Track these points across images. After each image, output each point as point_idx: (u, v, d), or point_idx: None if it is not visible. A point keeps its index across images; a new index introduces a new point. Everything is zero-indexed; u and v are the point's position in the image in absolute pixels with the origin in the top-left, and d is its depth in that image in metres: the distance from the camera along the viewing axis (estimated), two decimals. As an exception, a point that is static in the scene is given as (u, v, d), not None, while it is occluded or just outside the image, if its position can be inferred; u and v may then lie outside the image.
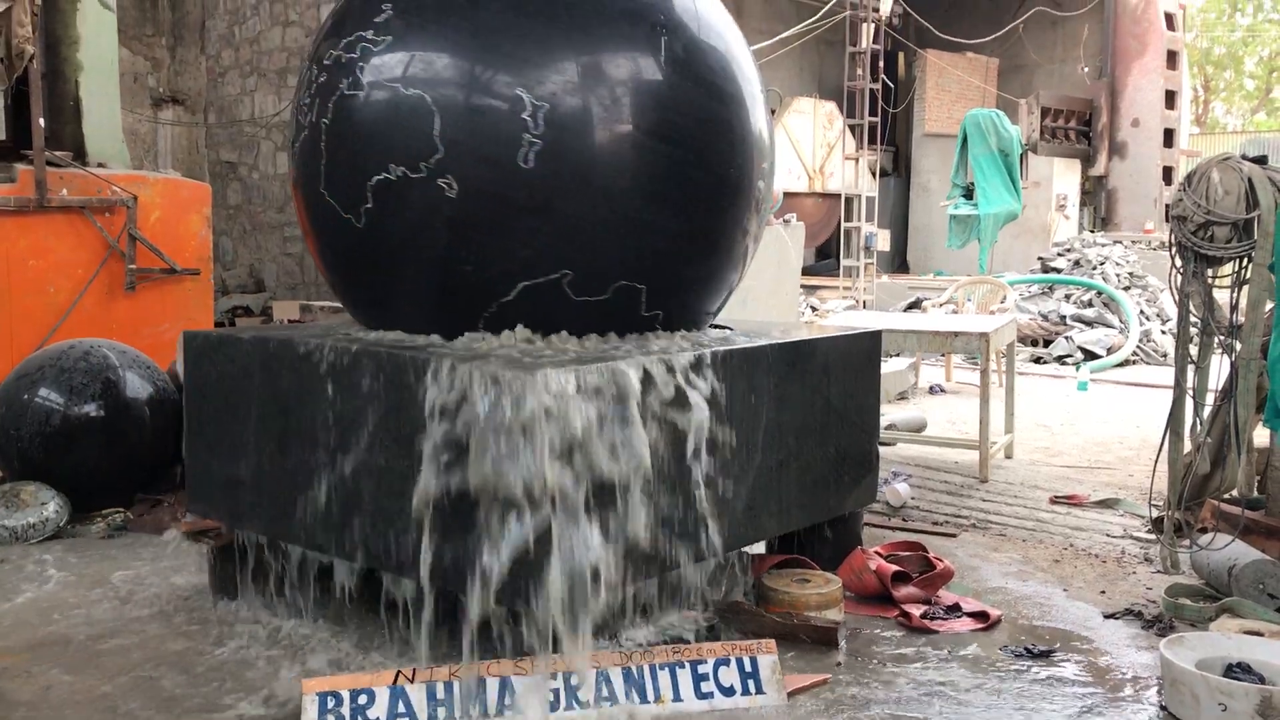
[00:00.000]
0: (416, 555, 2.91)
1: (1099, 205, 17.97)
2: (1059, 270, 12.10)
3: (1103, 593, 3.91)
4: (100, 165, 6.26)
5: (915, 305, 11.80)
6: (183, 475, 3.78)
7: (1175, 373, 4.20)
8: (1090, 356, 10.26)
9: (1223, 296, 4.13)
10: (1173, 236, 4.12)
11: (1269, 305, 3.89)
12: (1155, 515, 4.58)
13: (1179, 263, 4.10)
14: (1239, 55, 34.97)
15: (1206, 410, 4.24)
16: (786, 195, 14.24)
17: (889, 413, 6.84)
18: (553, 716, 2.76)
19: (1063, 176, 17.37)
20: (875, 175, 16.48)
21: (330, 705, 2.71)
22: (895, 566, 3.77)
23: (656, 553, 3.01)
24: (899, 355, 8.52)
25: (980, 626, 3.53)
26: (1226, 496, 4.18)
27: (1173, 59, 17.58)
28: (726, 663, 2.93)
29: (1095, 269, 11.83)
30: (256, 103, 12.19)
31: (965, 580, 3.99)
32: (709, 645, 2.99)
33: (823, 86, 19.03)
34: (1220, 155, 4.12)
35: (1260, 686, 2.79)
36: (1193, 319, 4.12)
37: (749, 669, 2.94)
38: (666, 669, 2.90)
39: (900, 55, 19.80)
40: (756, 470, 3.36)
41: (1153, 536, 4.53)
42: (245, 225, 12.40)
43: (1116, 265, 11.90)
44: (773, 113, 4.44)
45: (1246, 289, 3.97)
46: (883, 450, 4.57)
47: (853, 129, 15.52)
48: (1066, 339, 10.63)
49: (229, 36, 12.48)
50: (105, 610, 3.63)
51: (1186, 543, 4.05)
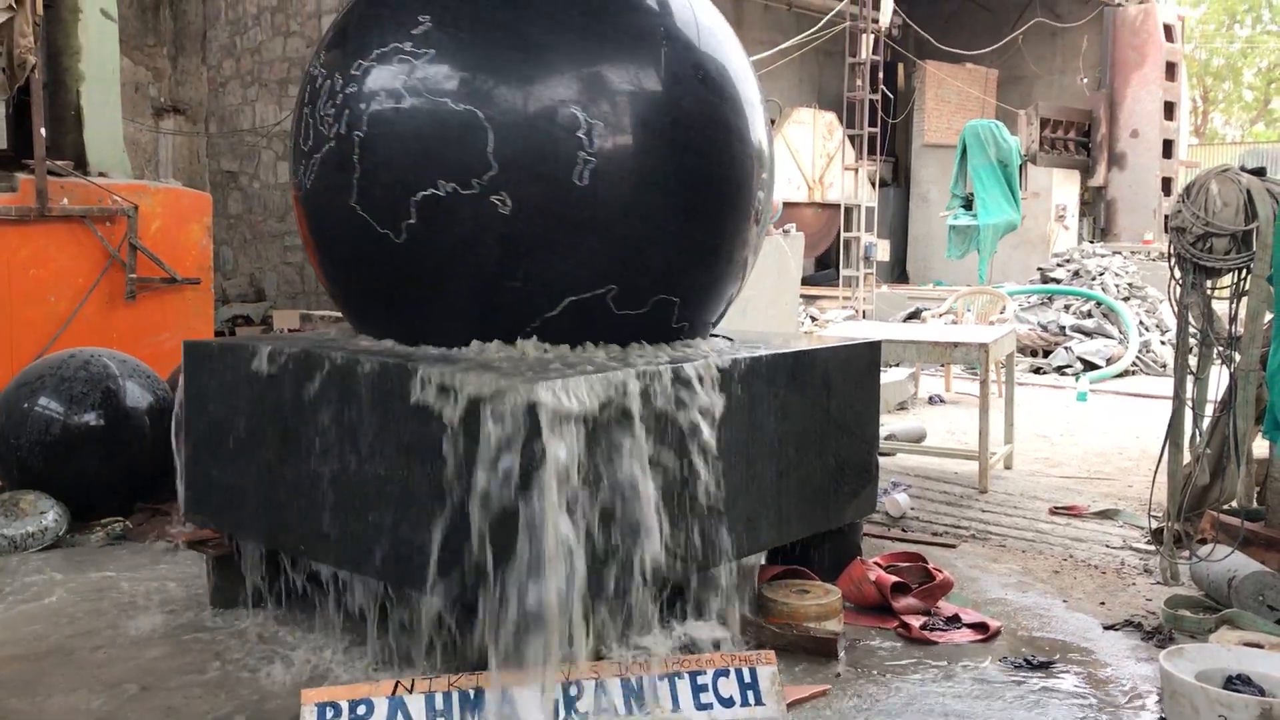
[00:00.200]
0: (419, 566, 2.92)
1: (1098, 216, 18.00)
2: (1058, 281, 12.11)
3: (1102, 604, 3.91)
4: (101, 174, 6.27)
5: (915, 315, 11.80)
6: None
7: (1174, 384, 4.20)
8: (1090, 367, 10.27)
9: (1222, 308, 4.14)
10: (1172, 248, 4.13)
11: (1268, 317, 3.89)
12: (1155, 526, 4.58)
13: (1178, 274, 4.11)
14: (1237, 67, 35.05)
15: (1206, 421, 4.24)
16: (786, 205, 14.26)
17: (888, 423, 6.84)
18: (552, 727, 2.76)
19: (1062, 187, 17.40)
20: (875, 185, 16.50)
21: (329, 716, 2.70)
22: (895, 577, 3.76)
23: (656, 563, 3.01)
24: (898, 365, 8.52)
25: (980, 638, 3.53)
26: (1226, 508, 4.18)
27: (1171, 70, 17.63)
28: (726, 674, 2.93)
29: (1094, 279, 11.84)
30: (257, 112, 12.22)
31: (965, 591, 3.98)
32: (708, 656, 2.99)
33: (822, 97, 19.07)
34: (1219, 167, 4.13)
35: (1260, 699, 2.79)
36: (1192, 330, 4.13)
37: (748, 680, 2.93)
38: (665, 680, 2.89)
39: (900, 66, 19.84)
40: (756, 481, 3.36)
41: (1152, 548, 4.53)
42: (246, 234, 12.41)
43: (1116, 276, 11.91)
44: (772, 123, 4.45)
45: (1245, 300, 3.98)
46: (882, 460, 4.58)
47: (852, 139, 15.54)
48: (1066, 349, 10.64)
49: (230, 47, 12.50)
50: (103, 620, 3.62)
51: (1186, 554, 4.05)
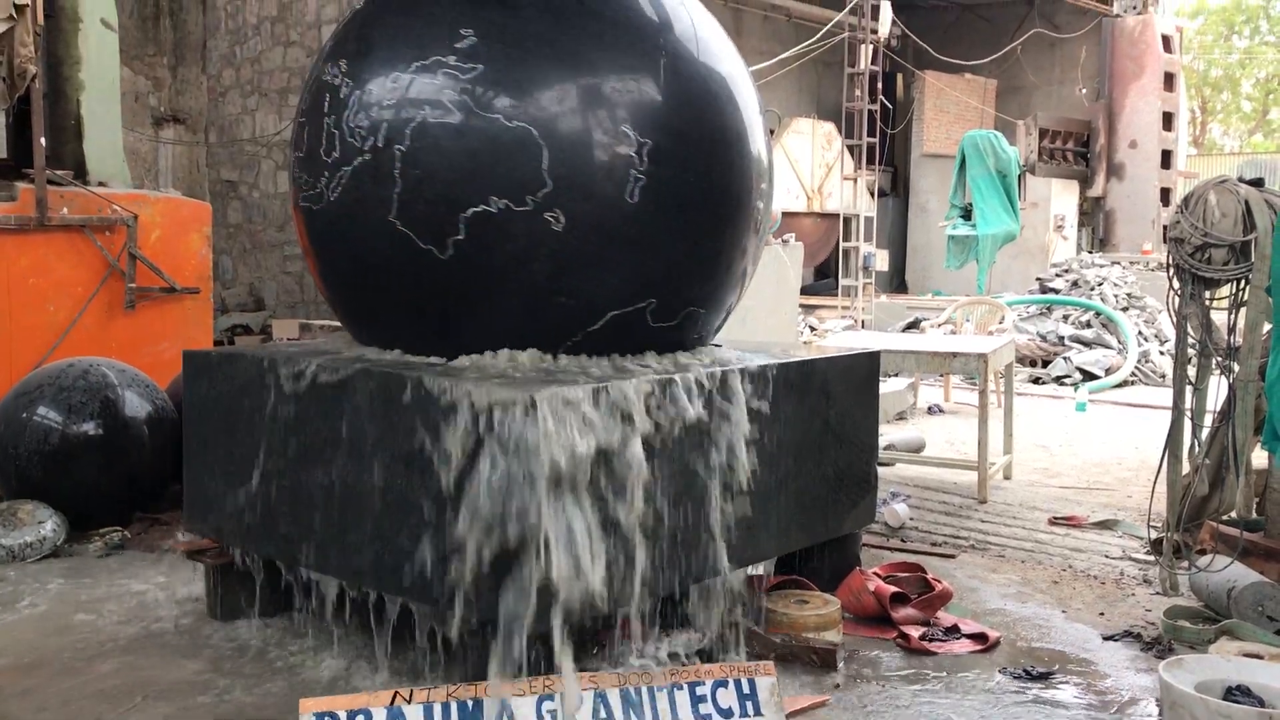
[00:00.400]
0: (422, 578, 2.92)
1: (1097, 226, 18.03)
2: (1057, 291, 12.12)
3: (1102, 614, 3.91)
4: (101, 184, 6.27)
5: (914, 325, 11.82)
6: (180, 494, 3.76)
7: (1173, 394, 4.20)
8: (1089, 377, 10.27)
9: (1220, 318, 4.14)
10: (1170, 258, 4.13)
11: (1266, 327, 3.90)
12: (1154, 537, 4.58)
13: (1176, 284, 4.12)
14: (1236, 77, 35.15)
15: (1205, 432, 4.25)
16: (785, 215, 14.28)
17: (887, 433, 6.84)
18: (550, 738, 2.75)
19: (1060, 197, 17.43)
20: (874, 195, 16.52)
21: (327, 726, 2.69)
22: (894, 588, 3.76)
23: (656, 573, 3.01)
24: (897, 375, 8.52)
25: (979, 648, 3.53)
26: (1225, 518, 4.18)
27: (1170, 81, 17.67)
28: (725, 684, 2.92)
29: (1093, 290, 11.85)
30: (257, 122, 12.23)
31: (964, 601, 3.98)
32: (707, 667, 2.98)
33: (821, 107, 19.11)
34: (1217, 178, 4.14)
35: (1260, 710, 2.78)
36: (1190, 341, 4.13)
37: (747, 691, 2.93)
38: (664, 691, 2.88)
39: (899, 76, 19.90)
40: (755, 491, 3.36)
41: (1151, 558, 4.53)
42: (245, 244, 12.42)
43: (1114, 286, 11.92)
44: (771, 133, 4.47)
45: (1244, 311, 3.98)
46: (881, 471, 4.58)
47: (851, 149, 15.57)
48: (1065, 359, 10.64)
49: (230, 56, 12.52)
50: (101, 630, 3.62)
51: (1185, 564, 4.05)
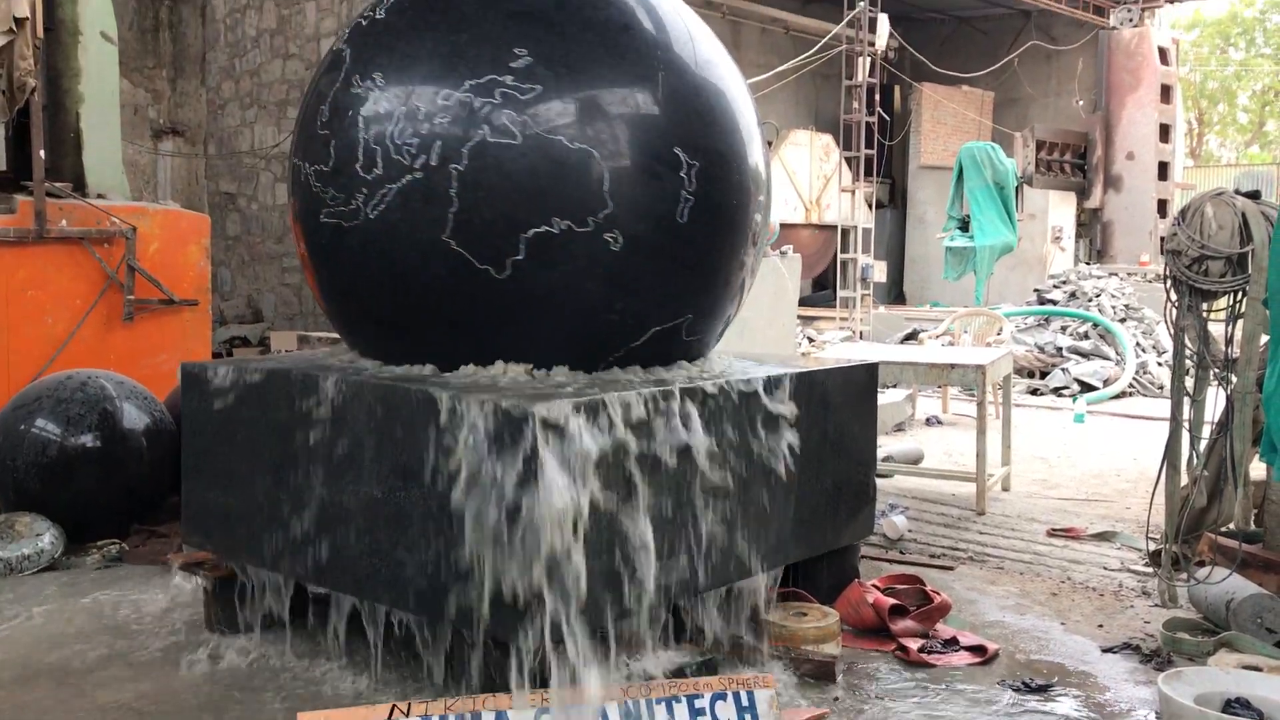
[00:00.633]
0: (423, 590, 2.92)
1: (1094, 237, 18.07)
2: (1055, 302, 12.13)
3: (1100, 626, 3.90)
4: (100, 196, 6.28)
5: (912, 336, 11.81)
6: (178, 506, 3.76)
7: (1171, 405, 4.21)
8: (1087, 388, 10.27)
9: (1218, 330, 4.15)
10: (1167, 270, 4.14)
11: (1264, 339, 3.90)
12: (1153, 548, 4.58)
13: (1174, 296, 4.12)
14: (1232, 89, 35.26)
15: (1203, 443, 4.25)
16: (783, 227, 14.29)
17: (886, 444, 6.84)
18: (549, 751, 2.74)
19: (1058, 209, 17.47)
20: (871, 207, 16.56)
21: (325, 739, 2.68)
22: (893, 600, 3.76)
23: (655, 584, 3.01)
24: (896, 387, 8.53)
25: (978, 660, 3.52)
26: (1224, 530, 4.18)
27: (1166, 93, 17.73)
28: (724, 697, 2.91)
29: (1091, 301, 11.86)
30: (256, 134, 12.25)
31: (963, 613, 3.98)
32: (706, 679, 2.97)
33: (819, 119, 19.15)
34: (1214, 190, 4.15)
35: (1259, 722, 2.78)
36: (1188, 352, 4.14)
37: (746, 703, 2.92)
38: (664, 703, 2.88)
39: (896, 88, 19.94)
40: (754, 502, 3.36)
41: (1150, 570, 4.53)
42: (244, 256, 12.43)
43: (1112, 297, 11.93)
44: (769, 145, 4.49)
45: (1241, 323, 3.99)
46: (880, 482, 4.57)
47: (849, 161, 15.61)
48: (1063, 371, 10.64)
49: (229, 69, 12.55)
50: (98, 643, 3.61)
51: (1184, 576, 4.05)
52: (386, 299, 3.28)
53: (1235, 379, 4.01)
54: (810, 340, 12.96)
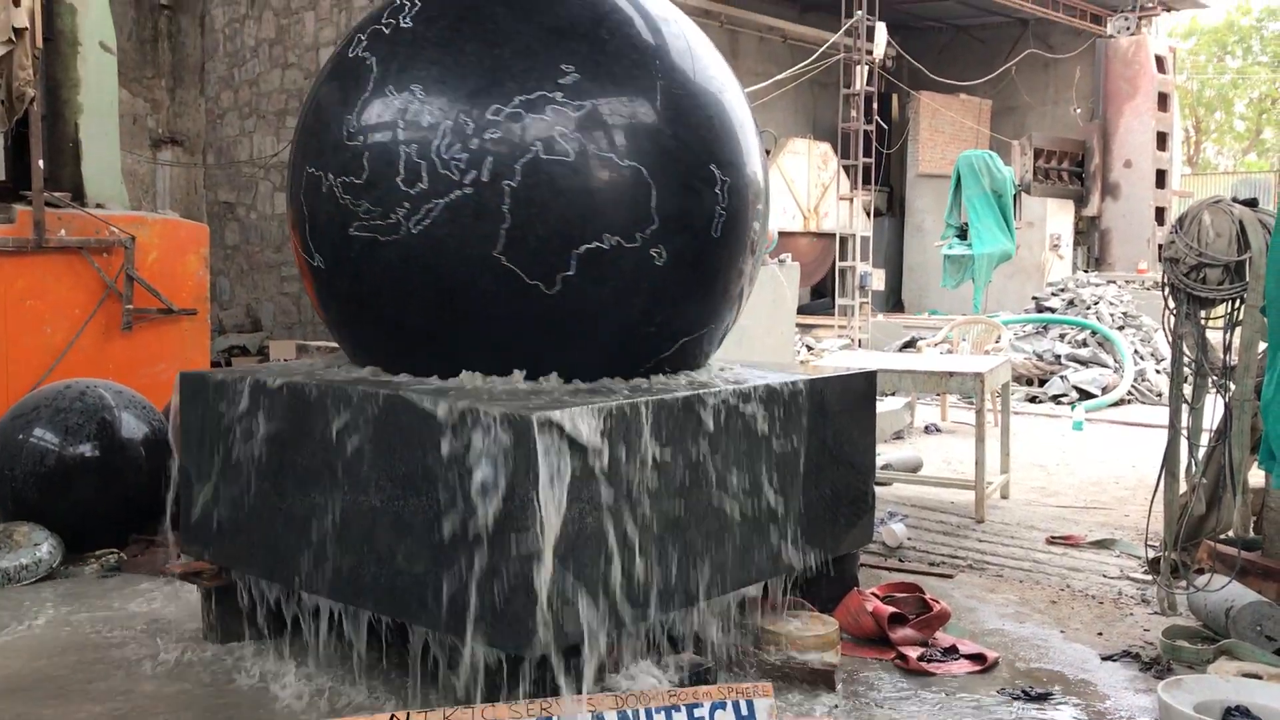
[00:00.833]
0: (425, 601, 2.91)
1: (1092, 245, 18.09)
2: (1053, 310, 12.14)
3: (1100, 634, 3.90)
4: (99, 206, 6.29)
5: (910, 344, 11.82)
6: (176, 516, 3.75)
7: (1170, 413, 4.21)
8: (1085, 396, 10.27)
9: (1216, 337, 4.15)
10: (1165, 278, 4.15)
11: (1261, 346, 3.90)
12: (1152, 556, 4.58)
13: (1172, 304, 4.13)
14: (1229, 97, 35.33)
15: (1202, 451, 4.25)
16: (782, 235, 14.30)
17: (885, 452, 6.84)
18: (548, 761, 2.74)
19: (1056, 217, 17.49)
20: (870, 215, 16.58)
21: (324, 749, 2.68)
22: (892, 608, 3.76)
23: (654, 593, 3.01)
24: (894, 395, 8.53)
25: (977, 669, 3.52)
26: (1223, 537, 4.18)
27: (1163, 101, 17.76)
28: (723, 706, 2.91)
29: (1089, 309, 11.87)
30: (255, 144, 12.26)
31: (962, 622, 3.97)
32: (705, 688, 2.97)
33: (817, 127, 19.19)
34: (1211, 198, 4.16)
35: (1259, 730, 2.78)
36: (1186, 360, 4.14)
37: (746, 712, 2.91)
38: (663, 712, 2.87)
39: (894, 97, 19.99)
40: (752, 511, 3.36)
41: (1149, 577, 4.53)
42: (243, 265, 12.43)
43: (1110, 305, 11.94)
44: (768, 153, 4.52)
45: (1239, 330, 4.00)
46: (879, 490, 4.57)
47: (847, 169, 15.63)
48: (1061, 378, 10.64)
49: (228, 78, 12.56)
50: (97, 653, 3.60)
51: (1183, 584, 4.05)
52: (429, 313, 3.22)
53: (1233, 386, 4.01)
54: (809, 348, 12.96)
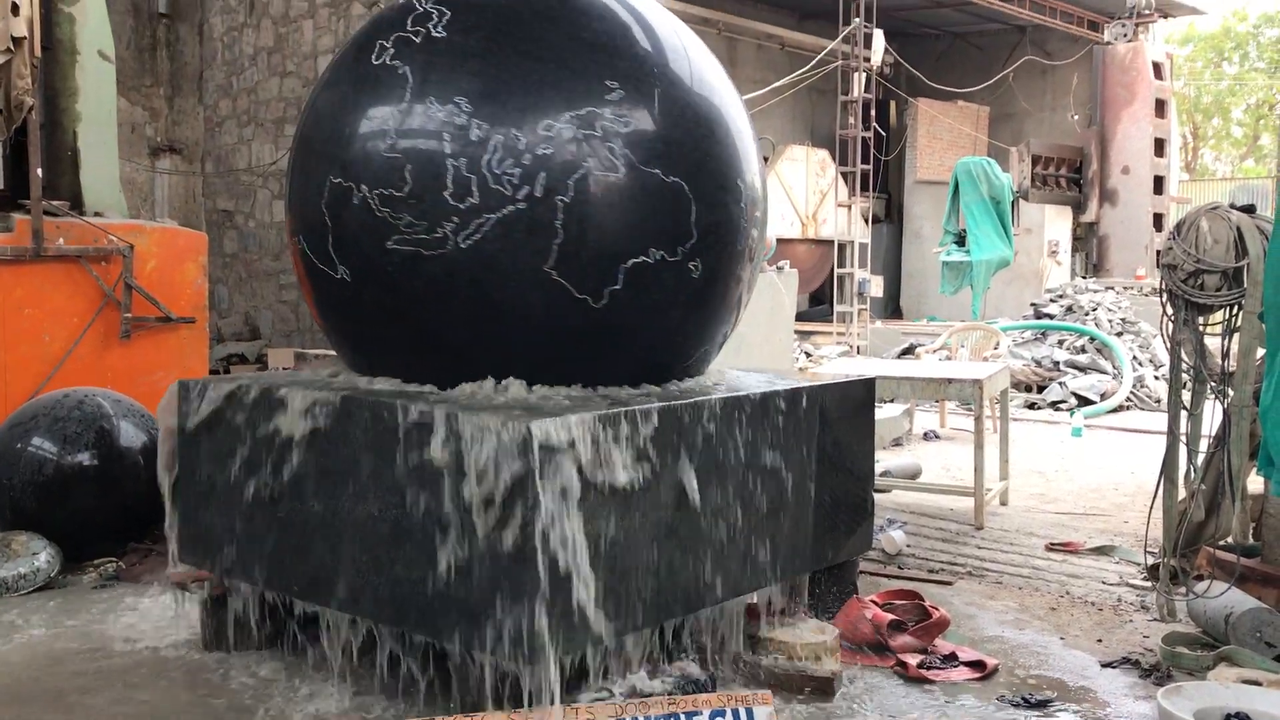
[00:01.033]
0: (426, 610, 2.91)
1: (1090, 251, 18.10)
2: (1052, 316, 12.15)
3: (1099, 641, 3.90)
4: (97, 214, 6.28)
5: (909, 351, 11.83)
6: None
7: (1168, 419, 4.21)
8: (1084, 402, 10.28)
9: (1214, 343, 4.16)
10: (1163, 284, 4.15)
11: (1259, 352, 3.91)
12: (1151, 563, 4.57)
13: (1170, 310, 4.13)
14: (1226, 103, 35.39)
15: (1200, 457, 4.25)
16: (780, 242, 14.31)
17: (884, 459, 6.84)
18: (547, 769, 2.74)
19: (1054, 223, 17.51)
20: (868, 222, 16.59)
21: (323, 759, 2.68)
22: (891, 615, 3.75)
23: (653, 601, 3.00)
24: (893, 401, 8.53)
25: (977, 676, 3.51)
26: (1222, 543, 4.18)
27: (1161, 107, 17.79)
28: (722, 714, 2.90)
29: (1088, 315, 11.88)
30: (253, 152, 12.27)
31: (961, 629, 3.97)
32: (705, 696, 2.96)
33: (815, 134, 19.22)
34: (1209, 204, 4.17)
35: (1259, 736, 2.78)
36: (1185, 366, 4.14)
37: (745, 720, 2.91)
38: (662, 720, 2.87)
39: (892, 103, 20.03)
40: (751, 518, 3.35)
41: (1149, 584, 4.52)
42: (241, 273, 12.43)
43: (1109, 311, 11.95)
44: (765, 160, 4.55)
45: (1237, 336, 4.00)
46: (878, 497, 4.57)
47: (845, 176, 15.65)
48: (1060, 385, 10.65)
49: (227, 87, 12.58)
50: (95, 662, 3.59)
51: (1183, 590, 4.04)
52: (474, 327, 3.19)
53: (1232, 392, 4.01)
54: (807, 355, 12.97)
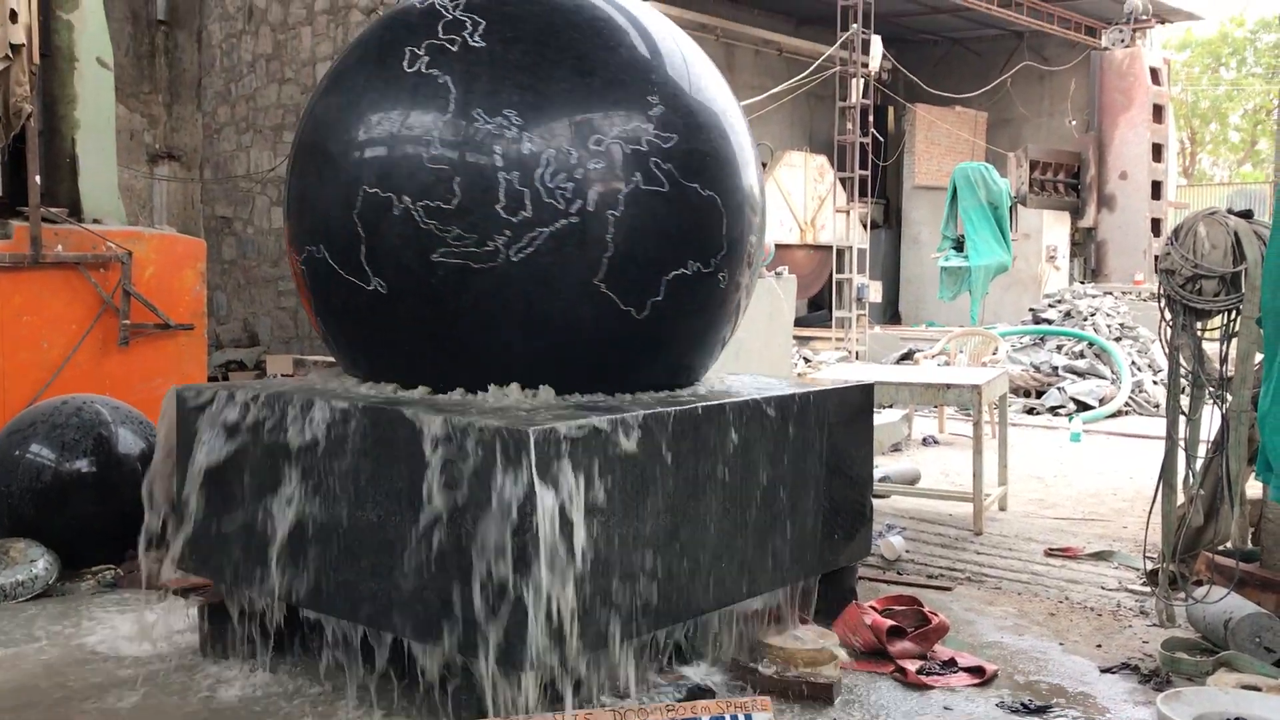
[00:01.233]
0: (424, 616, 2.90)
1: (1089, 257, 18.12)
2: (1050, 321, 12.15)
3: (1099, 646, 3.89)
4: (96, 221, 6.28)
5: (908, 356, 11.84)
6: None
7: (1167, 424, 4.21)
8: (1083, 407, 10.28)
9: (1212, 349, 4.16)
10: (1161, 289, 4.15)
11: (1258, 358, 3.91)
12: (1150, 568, 4.57)
13: (1168, 315, 4.14)
14: (1224, 108, 35.45)
15: (1199, 462, 4.25)
16: (778, 248, 14.33)
17: (883, 465, 6.84)
18: (546, 776, 2.73)
19: (1052, 228, 17.53)
20: (866, 227, 16.60)
21: (321, 766, 2.67)
22: (890, 621, 3.75)
23: (651, 608, 3.00)
24: (892, 407, 8.53)
25: (976, 682, 3.51)
26: (1221, 549, 4.18)
27: (1158, 113, 17.82)
28: (721, 720, 2.90)
29: (1086, 320, 11.88)
30: (252, 158, 12.27)
31: (961, 634, 3.96)
32: (704, 703, 2.96)
33: (813, 140, 19.24)
34: (1206, 210, 4.17)
35: (1258, 742, 2.77)
36: (1183, 371, 4.15)
37: (744, 727, 2.91)
38: (661, 727, 2.86)
39: (890, 109, 20.05)
40: (750, 524, 3.35)
41: (1148, 589, 4.52)
42: (240, 279, 12.43)
43: (1107, 316, 11.95)
44: (764, 166, 4.59)
45: (1235, 341, 4.00)
46: (876, 503, 4.57)
47: (843, 182, 15.66)
48: (1059, 390, 10.65)
49: (225, 93, 12.58)
50: (92, 670, 3.58)
51: (1182, 596, 4.04)
52: (518, 338, 3.20)
53: (1230, 398, 4.01)
54: (806, 361, 12.97)
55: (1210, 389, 4.11)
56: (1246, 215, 4.10)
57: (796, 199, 16.82)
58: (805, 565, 3.65)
